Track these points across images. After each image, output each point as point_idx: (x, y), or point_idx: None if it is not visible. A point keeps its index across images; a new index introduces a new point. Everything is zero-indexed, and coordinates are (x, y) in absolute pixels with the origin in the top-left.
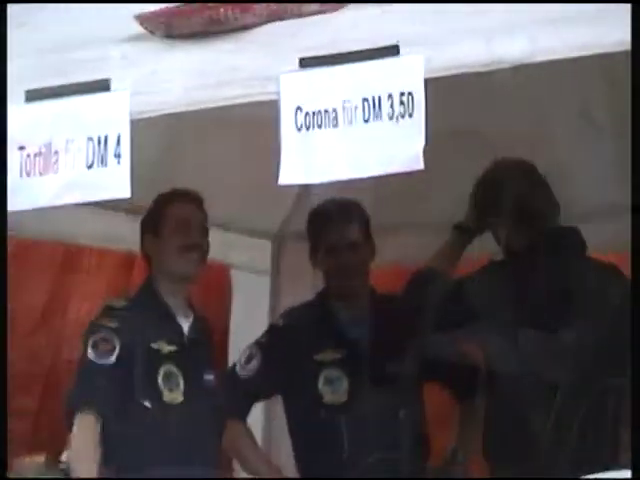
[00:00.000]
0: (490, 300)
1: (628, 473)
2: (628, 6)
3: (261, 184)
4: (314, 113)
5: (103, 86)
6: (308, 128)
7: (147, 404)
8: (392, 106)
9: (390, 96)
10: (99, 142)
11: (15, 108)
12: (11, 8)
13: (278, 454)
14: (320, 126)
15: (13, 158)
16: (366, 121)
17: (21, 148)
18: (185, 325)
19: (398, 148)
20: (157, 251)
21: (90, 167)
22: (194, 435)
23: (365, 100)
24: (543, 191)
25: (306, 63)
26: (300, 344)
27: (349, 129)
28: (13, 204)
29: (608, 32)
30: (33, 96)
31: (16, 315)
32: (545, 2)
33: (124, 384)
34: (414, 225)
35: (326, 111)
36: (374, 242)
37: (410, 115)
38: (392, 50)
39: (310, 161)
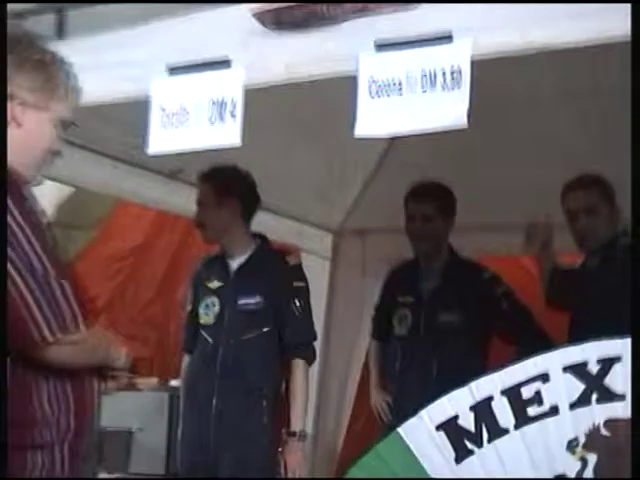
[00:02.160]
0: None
1: None
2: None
3: (327, 185)
4: (384, 84)
5: (225, 63)
6: (379, 95)
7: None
8: (445, 80)
9: (444, 72)
10: (219, 104)
11: (159, 80)
12: None
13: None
14: (389, 95)
15: (155, 116)
16: (424, 91)
17: (163, 109)
18: (234, 265)
19: (448, 111)
20: None
21: (212, 122)
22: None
23: (424, 75)
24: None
25: (380, 46)
26: (393, 289)
27: (411, 97)
28: (155, 148)
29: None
30: (174, 71)
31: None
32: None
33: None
34: None
35: (393, 83)
36: (449, 218)
37: (458, 87)
38: (447, 38)
39: (380, 121)
